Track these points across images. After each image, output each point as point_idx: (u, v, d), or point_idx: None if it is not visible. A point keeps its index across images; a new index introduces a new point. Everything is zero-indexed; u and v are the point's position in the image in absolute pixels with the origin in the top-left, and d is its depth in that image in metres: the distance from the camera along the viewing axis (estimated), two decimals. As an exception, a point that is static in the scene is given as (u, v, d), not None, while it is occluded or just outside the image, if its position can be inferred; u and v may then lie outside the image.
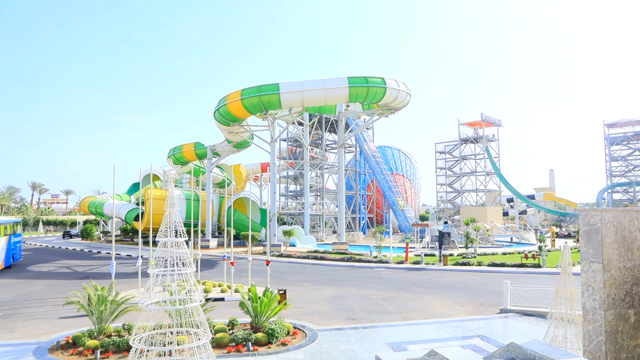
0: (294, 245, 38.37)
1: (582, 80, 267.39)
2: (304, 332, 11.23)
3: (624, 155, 74.81)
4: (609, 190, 72.99)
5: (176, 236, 8.08)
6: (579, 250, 5.92)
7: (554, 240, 40.44)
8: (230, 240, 19.61)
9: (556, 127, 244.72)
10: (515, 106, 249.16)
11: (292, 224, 49.59)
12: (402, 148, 74.80)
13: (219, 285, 18.10)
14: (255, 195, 65.81)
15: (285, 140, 55.06)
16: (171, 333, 7.94)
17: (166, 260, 7.82)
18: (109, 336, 10.35)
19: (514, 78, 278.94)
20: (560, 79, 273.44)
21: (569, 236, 53.92)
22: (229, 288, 17.23)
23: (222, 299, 16.08)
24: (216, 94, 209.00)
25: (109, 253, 27.56)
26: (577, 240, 40.69)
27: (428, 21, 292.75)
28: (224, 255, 19.10)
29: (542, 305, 13.46)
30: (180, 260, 7.93)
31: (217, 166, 51.70)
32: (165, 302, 7.75)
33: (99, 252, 37.50)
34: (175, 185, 52.32)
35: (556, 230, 53.74)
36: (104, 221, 60.60)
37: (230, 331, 10.85)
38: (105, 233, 54.50)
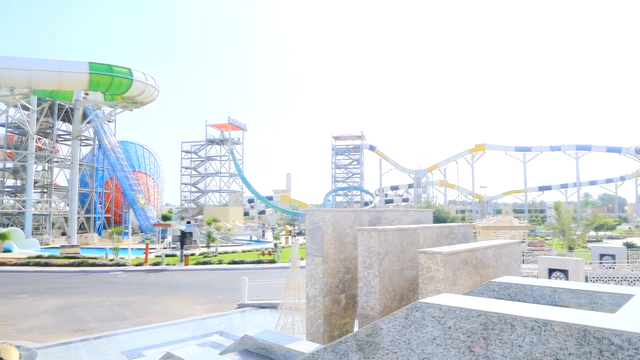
0: (10, 251, 32.78)
1: (317, 95, 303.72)
2: (19, 353, 9.64)
3: (345, 164, 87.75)
4: (333, 194, 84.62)
5: None
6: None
7: (287, 237, 44.68)
8: None
9: (296, 135, 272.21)
10: (260, 113, 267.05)
11: (8, 225, 41.99)
12: (146, 145, 71.41)
13: None
14: (-43, 190, 53.45)
15: (3, 126, 46.36)
16: None
17: None
18: None
19: (261, 87, 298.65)
20: (300, 92, 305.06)
21: (300, 234, 60.34)
22: None
23: None
24: None
25: None
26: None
27: (182, 23, 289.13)
28: None
29: (275, 297, 14.71)
30: None
31: None
32: None
33: None
34: None
35: (290, 228, 59.50)
36: None
37: None
38: None
